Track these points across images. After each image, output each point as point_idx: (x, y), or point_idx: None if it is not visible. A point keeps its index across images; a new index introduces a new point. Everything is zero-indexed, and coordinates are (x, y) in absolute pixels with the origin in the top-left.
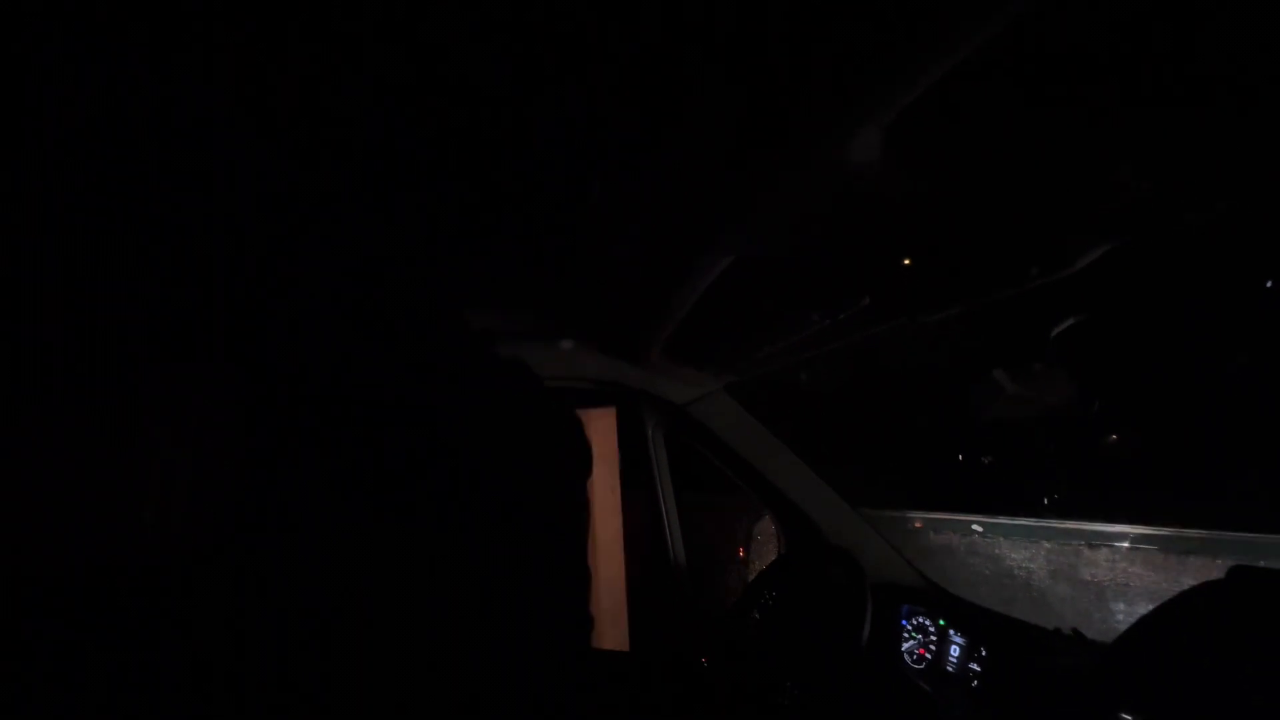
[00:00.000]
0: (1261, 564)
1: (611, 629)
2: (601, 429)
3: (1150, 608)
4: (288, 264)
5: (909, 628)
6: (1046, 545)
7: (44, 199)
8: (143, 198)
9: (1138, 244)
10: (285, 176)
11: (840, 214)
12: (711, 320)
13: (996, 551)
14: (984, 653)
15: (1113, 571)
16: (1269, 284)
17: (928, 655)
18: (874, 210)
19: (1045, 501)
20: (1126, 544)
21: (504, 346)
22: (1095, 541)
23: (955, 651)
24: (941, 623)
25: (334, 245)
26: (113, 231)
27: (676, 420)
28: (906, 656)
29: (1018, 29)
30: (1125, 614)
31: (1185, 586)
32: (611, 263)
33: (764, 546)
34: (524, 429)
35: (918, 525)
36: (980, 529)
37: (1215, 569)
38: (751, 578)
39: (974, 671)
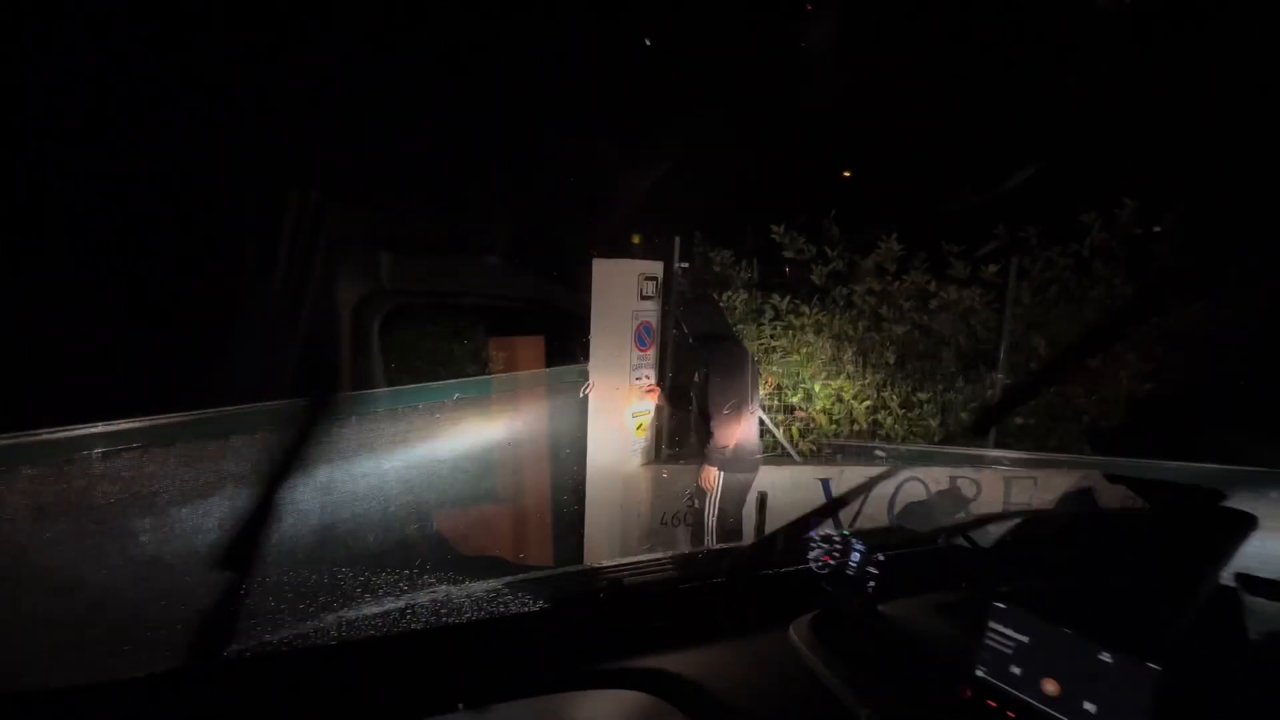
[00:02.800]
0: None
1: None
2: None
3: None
4: None
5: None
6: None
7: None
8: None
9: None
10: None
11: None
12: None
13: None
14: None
15: (996, 491)
16: None
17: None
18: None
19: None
20: (1014, 468)
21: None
22: (985, 465)
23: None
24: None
25: None
26: None
27: None
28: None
29: None
30: (1005, 526)
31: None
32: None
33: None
34: None
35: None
36: (882, 454)
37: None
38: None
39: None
